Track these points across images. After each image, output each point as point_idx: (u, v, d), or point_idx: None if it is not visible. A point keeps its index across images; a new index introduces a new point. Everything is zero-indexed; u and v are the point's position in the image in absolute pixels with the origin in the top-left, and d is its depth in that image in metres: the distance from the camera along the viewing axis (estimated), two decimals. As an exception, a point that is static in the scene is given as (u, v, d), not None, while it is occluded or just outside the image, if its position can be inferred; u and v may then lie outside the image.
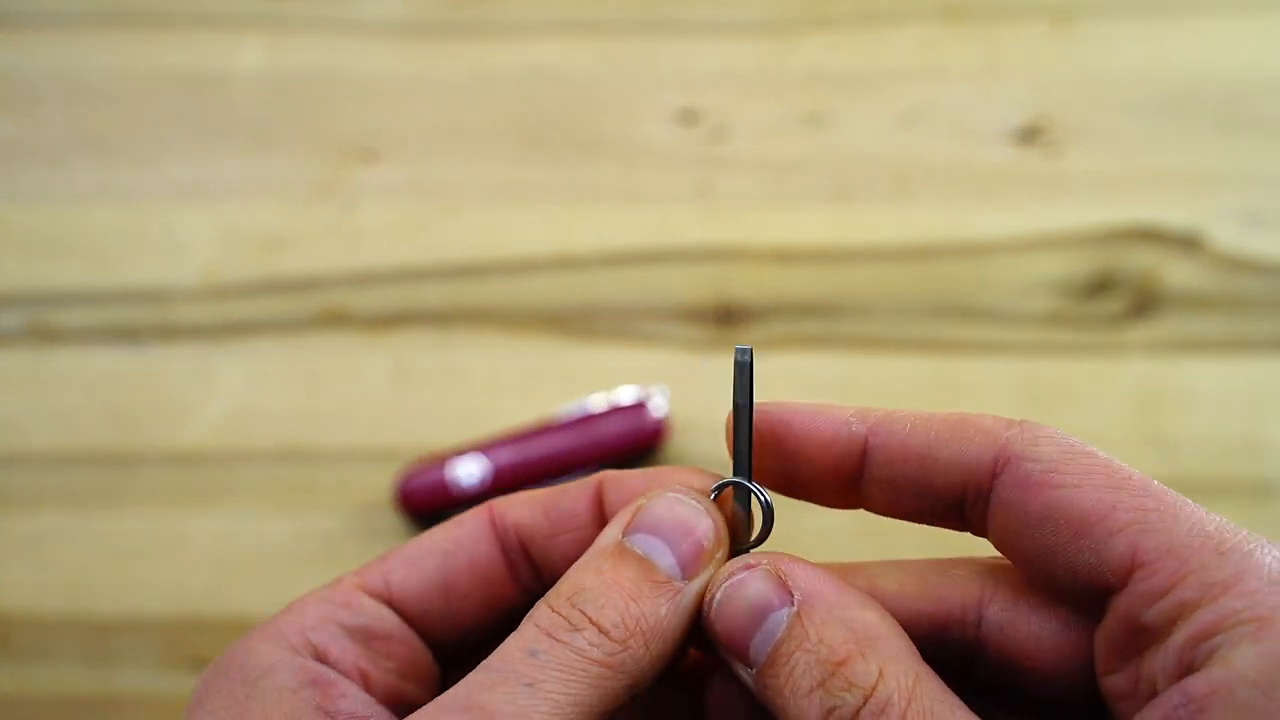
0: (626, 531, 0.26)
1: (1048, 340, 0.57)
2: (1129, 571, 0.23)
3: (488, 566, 0.28)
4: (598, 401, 0.55)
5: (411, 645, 0.28)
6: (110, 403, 0.57)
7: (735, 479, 0.27)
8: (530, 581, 0.29)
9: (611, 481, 0.28)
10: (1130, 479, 0.23)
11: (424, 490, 0.53)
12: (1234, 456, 0.55)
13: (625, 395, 0.55)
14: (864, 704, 0.23)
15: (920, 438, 0.26)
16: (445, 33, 0.62)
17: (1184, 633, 0.21)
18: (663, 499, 0.26)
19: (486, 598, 0.28)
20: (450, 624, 0.28)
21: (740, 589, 0.25)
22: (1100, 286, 0.57)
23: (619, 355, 0.57)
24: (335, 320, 0.58)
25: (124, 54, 0.62)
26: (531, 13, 0.62)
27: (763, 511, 0.27)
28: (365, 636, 0.27)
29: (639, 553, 0.25)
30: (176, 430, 0.56)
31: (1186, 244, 0.58)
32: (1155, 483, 0.23)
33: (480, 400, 0.56)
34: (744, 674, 0.25)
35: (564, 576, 0.25)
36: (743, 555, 0.26)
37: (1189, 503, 0.23)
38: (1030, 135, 0.60)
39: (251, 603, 0.54)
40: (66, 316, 0.58)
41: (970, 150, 0.59)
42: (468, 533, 0.28)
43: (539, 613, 0.25)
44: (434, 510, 0.53)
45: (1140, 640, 0.23)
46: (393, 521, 0.55)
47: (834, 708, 0.23)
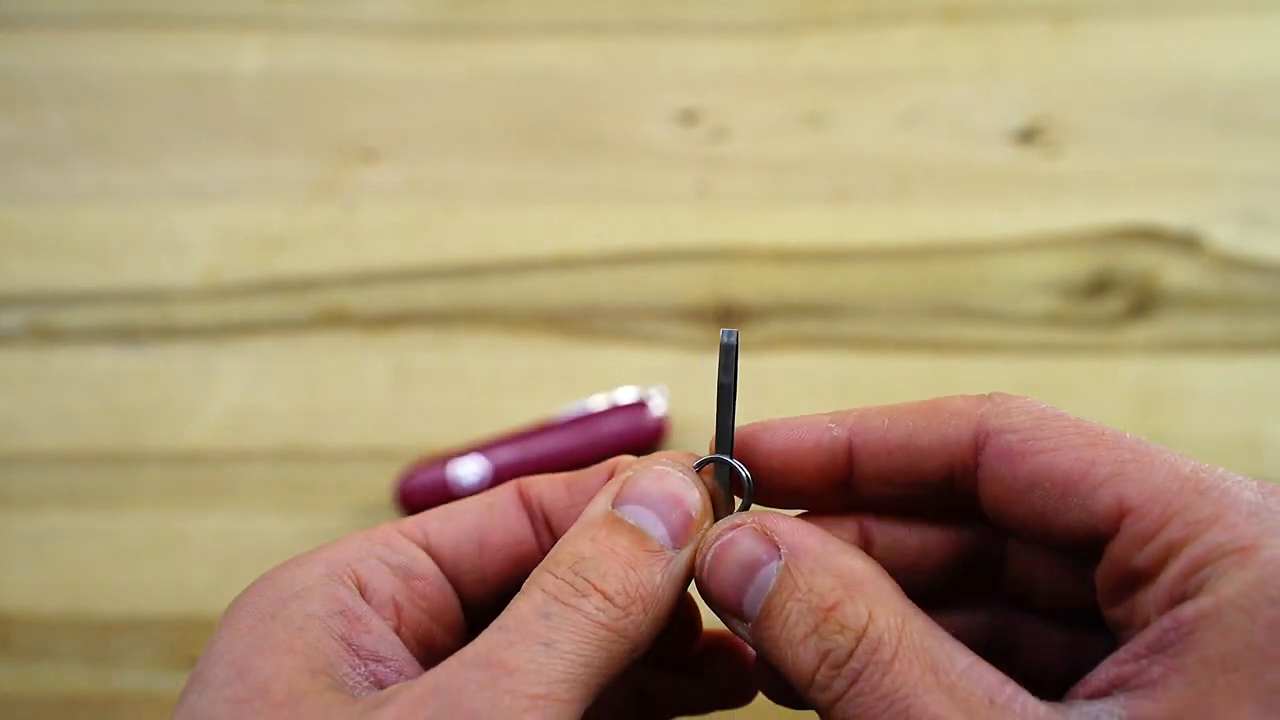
0: (616, 503, 0.27)
1: (1047, 340, 0.57)
2: (1118, 519, 0.24)
3: (518, 528, 0.30)
4: (598, 401, 0.55)
5: (445, 591, 0.29)
6: (111, 403, 0.57)
7: (717, 455, 0.28)
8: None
9: (626, 465, 0.29)
10: (1103, 434, 0.25)
11: (424, 490, 0.53)
12: (1233, 456, 0.55)
13: (625, 395, 0.55)
14: (857, 644, 0.23)
15: (899, 429, 0.27)
16: (445, 33, 0.62)
17: (1174, 570, 0.23)
18: (650, 472, 0.27)
19: (515, 557, 0.29)
20: (479, 578, 0.29)
21: (730, 548, 0.26)
22: (1100, 286, 0.57)
23: (619, 355, 0.57)
24: (335, 320, 0.58)
25: (124, 54, 0.62)
26: (531, 13, 0.62)
27: (745, 485, 0.28)
28: (404, 574, 0.28)
29: (631, 523, 0.26)
30: (177, 430, 0.56)
31: (1186, 244, 0.58)
32: (1128, 435, 0.25)
33: (480, 400, 0.56)
34: (741, 629, 0.26)
35: (558, 544, 0.26)
36: (728, 517, 0.27)
37: (1164, 449, 0.24)
38: (1030, 135, 0.60)
39: (252, 602, 0.54)
40: (67, 316, 0.58)
41: (970, 150, 0.59)
42: (500, 499, 0.30)
43: (543, 578, 0.25)
44: (434, 510, 0.53)
45: (1135, 580, 0.24)
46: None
47: (829, 650, 0.24)
